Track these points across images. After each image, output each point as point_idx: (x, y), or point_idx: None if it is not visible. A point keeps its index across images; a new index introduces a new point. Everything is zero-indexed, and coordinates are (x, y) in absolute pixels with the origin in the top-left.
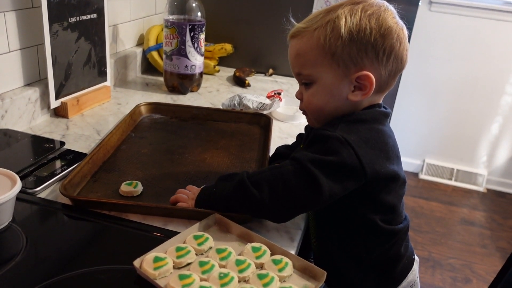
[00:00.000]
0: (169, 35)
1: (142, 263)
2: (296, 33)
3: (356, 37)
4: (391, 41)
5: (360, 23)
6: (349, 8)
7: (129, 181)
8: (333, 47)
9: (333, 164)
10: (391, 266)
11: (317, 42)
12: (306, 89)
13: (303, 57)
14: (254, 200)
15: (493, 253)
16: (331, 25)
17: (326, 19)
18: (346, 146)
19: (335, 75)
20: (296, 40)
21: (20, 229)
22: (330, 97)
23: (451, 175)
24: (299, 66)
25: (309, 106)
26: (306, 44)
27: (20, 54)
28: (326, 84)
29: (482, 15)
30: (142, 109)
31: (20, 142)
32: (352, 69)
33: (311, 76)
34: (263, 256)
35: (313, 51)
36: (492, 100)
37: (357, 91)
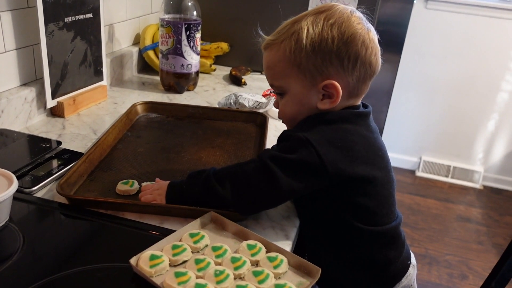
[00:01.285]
0: (165, 34)
1: (139, 261)
2: (266, 45)
3: (318, 47)
4: (355, 47)
5: (322, 33)
6: (313, 18)
7: (125, 180)
8: (298, 58)
9: (292, 162)
10: (381, 269)
11: (283, 54)
12: (280, 99)
13: (273, 69)
14: (219, 196)
15: (489, 249)
16: (295, 37)
17: (291, 30)
18: (306, 145)
19: (303, 85)
20: (267, 52)
21: (17, 228)
22: (300, 106)
23: (448, 172)
24: (271, 78)
25: (283, 115)
26: (274, 57)
27: (16, 54)
28: (295, 94)
29: (477, 13)
30: (139, 108)
31: (17, 141)
32: (318, 78)
33: (281, 87)
34: (259, 253)
35: (281, 63)
36: (488, 97)
37: (326, 99)
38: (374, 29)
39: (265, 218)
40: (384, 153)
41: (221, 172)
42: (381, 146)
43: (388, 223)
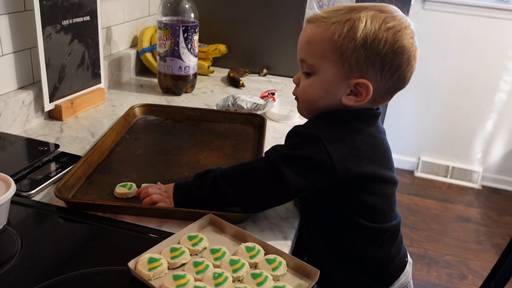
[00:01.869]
0: (163, 37)
1: (137, 264)
2: (314, 19)
3: (369, 45)
4: (400, 60)
5: (377, 32)
6: (373, 14)
7: (123, 183)
8: (344, 46)
9: (300, 159)
10: (381, 267)
11: (331, 36)
12: (305, 77)
13: (313, 45)
14: (227, 196)
15: (489, 249)
16: (350, 25)
17: (347, 16)
18: (316, 141)
19: (337, 74)
20: (312, 26)
21: (15, 232)
22: (325, 93)
23: (446, 172)
24: (306, 53)
25: (303, 95)
26: (320, 34)
27: (13, 57)
28: (325, 79)
29: (475, 13)
30: (137, 111)
31: (15, 145)
32: (355, 74)
33: (314, 66)
34: (257, 255)
35: (324, 44)
36: (486, 97)
37: (352, 96)
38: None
39: (264, 220)
40: (389, 154)
41: (228, 171)
42: (388, 147)
43: (389, 221)
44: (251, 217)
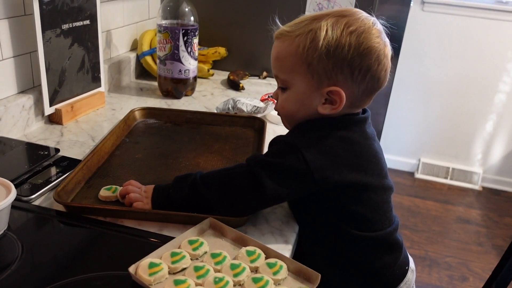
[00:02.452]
0: (163, 40)
1: (137, 269)
2: (279, 35)
3: (333, 52)
4: (368, 61)
5: (339, 39)
6: (334, 20)
7: (108, 186)
8: (309, 58)
9: (278, 167)
10: (377, 275)
11: (296, 50)
12: (281, 92)
13: (282, 61)
14: (206, 200)
15: (489, 251)
16: (312, 35)
17: (309, 27)
18: (294, 150)
19: (308, 85)
20: (278, 42)
21: (15, 237)
22: (301, 105)
23: (447, 173)
24: (277, 69)
25: (282, 110)
26: (286, 49)
27: (13, 61)
28: (298, 92)
29: (474, 14)
30: (137, 114)
31: (15, 149)
32: (325, 82)
33: (286, 81)
34: (258, 259)
35: (291, 57)
36: (486, 98)
37: (327, 104)
38: (390, 44)
39: (264, 224)
40: (378, 160)
41: (208, 176)
42: (376, 152)
43: (382, 229)
44: (252, 221)
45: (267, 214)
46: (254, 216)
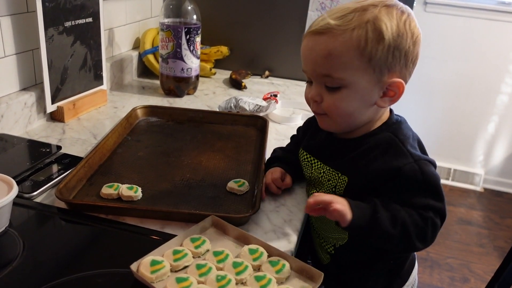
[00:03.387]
0: (165, 38)
1: (139, 266)
2: (326, 29)
3: (396, 42)
4: (418, 49)
5: (399, 28)
6: (384, 9)
7: (110, 184)
8: (373, 51)
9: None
10: (400, 265)
11: (357, 44)
12: (330, 92)
13: (338, 58)
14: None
15: (491, 252)
16: (372, 27)
17: (364, 18)
18: (430, 165)
19: (369, 80)
20: (327, 38)
21: (17, 234)
22: (361, 102)
23: (448, 175)
24: (330, 68)
25: (336, 110)
26: (342, 45)
27: (15, 58)
28: (358, 89)
29: (476, 15)
30: (139, 112)
31: (17, 146)
32: (386, 75)
33: (342, 79)
34: (260, 258)
35: (350, 53)
36: (488, 100)
37: (385, 97)
38: None
39: (267, 222)
40: None
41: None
42: None
43: None
44: (254, 219)
45: (269, 212)
46: (256, 215)
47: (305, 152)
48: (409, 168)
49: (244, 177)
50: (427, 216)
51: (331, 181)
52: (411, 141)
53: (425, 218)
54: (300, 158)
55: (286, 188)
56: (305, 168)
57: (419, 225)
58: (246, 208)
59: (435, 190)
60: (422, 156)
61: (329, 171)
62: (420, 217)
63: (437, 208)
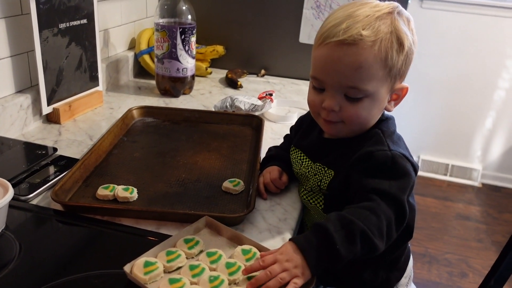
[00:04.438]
0: (160, 39)
1: (133, 268)
2: (356, 41)
3: (410, 51)
4: (414, 54)
5: (413, 37)
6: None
7: (106, 185)
8: (394, 61)
9: (410, 186)
10: (397, 258)
11: (385, 56)
12: (351, 102)
13: (367, 70)
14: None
15: (489, 247)
16: (395, 37)
17: (387, 28)
18: (407, 162)
19: (386, 89)
20: (357, 49)
21: (13, 236)
22: (378, 110)
23: (446, 170)
24: (358, 80)
25: (356, 119)
26: (373, 57)
27: (10, 61)
28: (378, 98)
29: (473, 11)
30: (135, 113)
31: (12, 149)
32: (397, 81)
33: (367, 91)
34: (253, 258)
35: (377, 65)
36: (485, 95)
37: (392, 101)
38: None
39: (262, 221)
40: None
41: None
42: None
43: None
44: (249, 219)
45: (264, 211)
46: (251, 214)
47: (296, 149)
48: (382, 154)
49: (239, 176)
50: (381, 209)
51: (317, 176)
52: (394, 137)
53: (378, 213)
54: (292, 155)
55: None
56: (295, 164)
57: (375, 224)
58: (241, 207)
59: (400, 180)
60: (400, 151)
61: (316, 166)
62: (375, 215)
63: (396, 198)
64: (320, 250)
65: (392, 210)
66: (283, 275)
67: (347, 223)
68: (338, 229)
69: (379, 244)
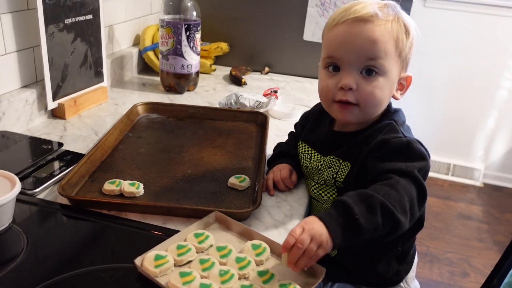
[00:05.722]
0: (165, 35)
1: (143, 261)
2: (372, 17)
3: (415, 39)
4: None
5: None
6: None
7: (112, 180)
8: (403, 45)
9: (427, 169)
10: (407, 251)
11: (396, 35)
12: (367, 80)
13: (383, 45)
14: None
15: (491, 247)
16: (402, 22)
17: (393, 13)
18: (421, 147)
19: (397, 72)
20: (373, 25)
21: (20, 230)
22: (389, 92)
23: (448, 170)
24: (375, 53)
25: (370, 98)
26: (386, 34)
27: (16, 56)
28: (390, 79)
29: (476, 10)
30: (139, 109)
31: (18, 144)
32: (404, 69)
33: (383, 66)
34: (263, 253)
35: (391, 42)
36: (487, 95)
37: (398, 90)
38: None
39: (268, 218)
40: None
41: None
42: None
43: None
44: (255, 215)
45: (270, 208)
46: (258, 210)
47: (304, 143)
48: (397, 140)
49: (245, 172)
50: (401, 185)
51: (331, 168)
52: (405, 126)
53: (398, 189)
54: (299, 150)
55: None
56: (303, 159)
57: (396, 198)
58: (247, 203)
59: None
60: (414, 137)
61: (329, 159)
62: (394, 190)
63: (414, 175)
64: (341, 221)
65: (413, 187)
66: (311, 247)
67: (366, 197)
68: (358, 202)
69: (402, 219)
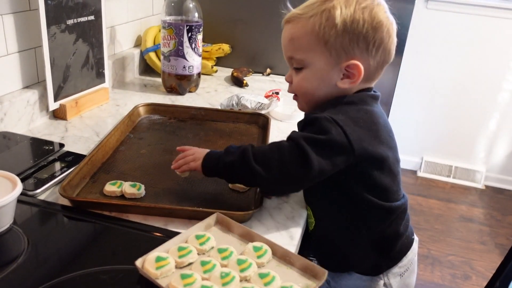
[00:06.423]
0: (167, 36)
1: (144, 263)
2: (291, 18)
3: (350, 28)
4: (381, 34)
5: (354, 14)
6: (345, 1)
7: (113, 181)
8: (326, 35)
9: (323, 142)
10: (390, 244)
11: (312, 29)
12: (296, 73)
13: (297, 41)
14: (252, 170)
15: (492, 249)
16: (327, 14)
17: (322, 7)
18: (334, 125)
19: (327, 62)
20: (291, 25)
21: (21, 231)
22: (320, 82)
23: (450, 172)
24: (292, 50)
25: (300, 89)
26: (300, 30)
27: (18, 56)
28: (317, 70)
29: (478, 12)
30: (141, 110)
31: (20, 144)
32: (343, 58)
33: (303, 61)
34: (264, 255)
35: (307, 37)
36: (489, 97)
37: (346, 78)
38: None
39: (270, 219)
40: (393, 134)
41: (257, 149)
42: (391, 127)
43: (397, 200)
44: (257, 217)
45: (272, 209)
46: (259, 212)
47: None
48: (311, 116)
49: None
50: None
51: None
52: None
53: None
54: None
55: None
56: None
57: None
58: (248, 205)
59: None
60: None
61: None
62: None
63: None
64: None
65: (289, 148)
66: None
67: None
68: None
69: (258, 169)
